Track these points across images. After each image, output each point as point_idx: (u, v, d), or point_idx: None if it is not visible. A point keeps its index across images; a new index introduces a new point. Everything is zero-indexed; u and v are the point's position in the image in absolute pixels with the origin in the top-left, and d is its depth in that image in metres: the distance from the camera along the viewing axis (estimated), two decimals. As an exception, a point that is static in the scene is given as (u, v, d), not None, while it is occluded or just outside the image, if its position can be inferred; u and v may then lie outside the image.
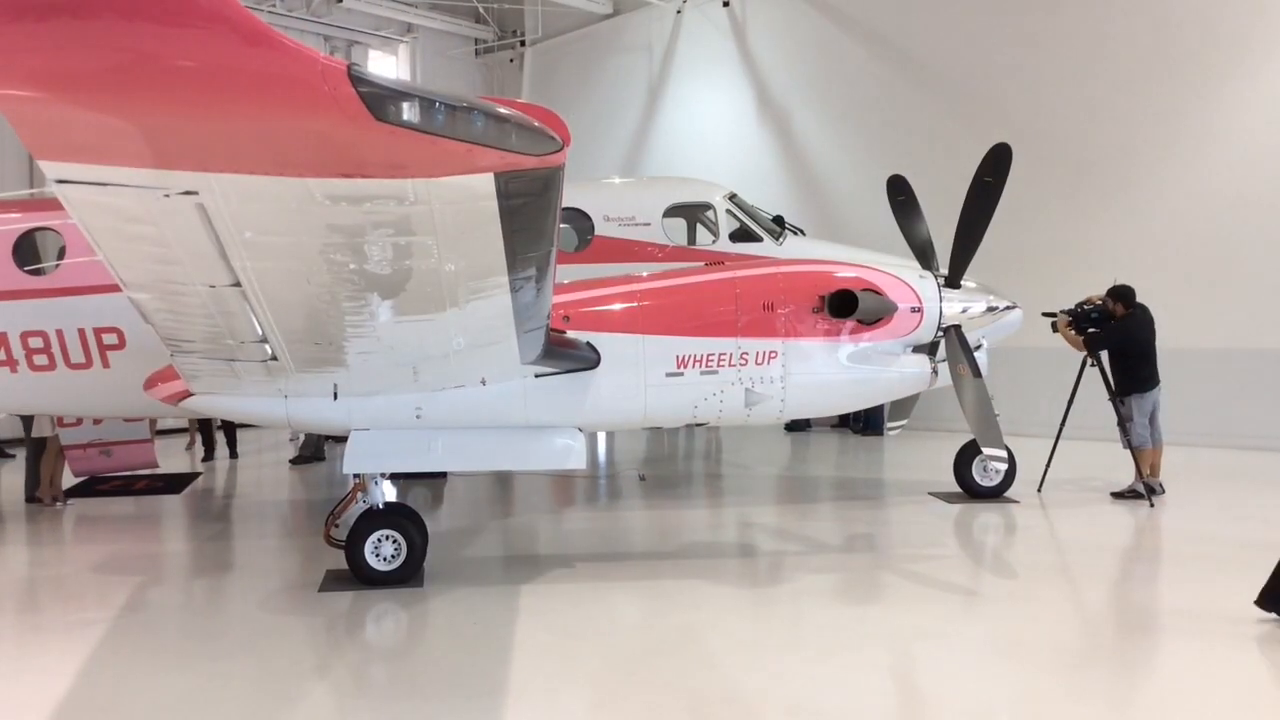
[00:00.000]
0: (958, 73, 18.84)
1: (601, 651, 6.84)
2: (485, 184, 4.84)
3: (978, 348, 10.81)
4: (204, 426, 17.30)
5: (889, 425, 13.12)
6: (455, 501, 12.74)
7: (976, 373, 9.75)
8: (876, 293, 9.30)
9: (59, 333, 10.57)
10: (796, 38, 21.27)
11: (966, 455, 12.09)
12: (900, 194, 11.92)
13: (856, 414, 18.44)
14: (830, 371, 9.20)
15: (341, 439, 8.90)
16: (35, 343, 10.56)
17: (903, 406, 12.17)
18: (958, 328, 10.00)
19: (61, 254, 10.78)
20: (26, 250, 10.78)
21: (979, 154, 10.29)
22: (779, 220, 14.05)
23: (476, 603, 8.06)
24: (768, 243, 13.47)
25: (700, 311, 8.96)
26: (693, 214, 14.07)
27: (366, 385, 8.03)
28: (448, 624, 7.56)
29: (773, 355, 8.99)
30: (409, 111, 4.30)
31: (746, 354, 8.93)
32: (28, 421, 12.99)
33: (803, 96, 21.22)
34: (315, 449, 16.45)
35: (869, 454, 16.49)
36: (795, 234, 14.05)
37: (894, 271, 9.76)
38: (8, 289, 10.55)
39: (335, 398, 8.23)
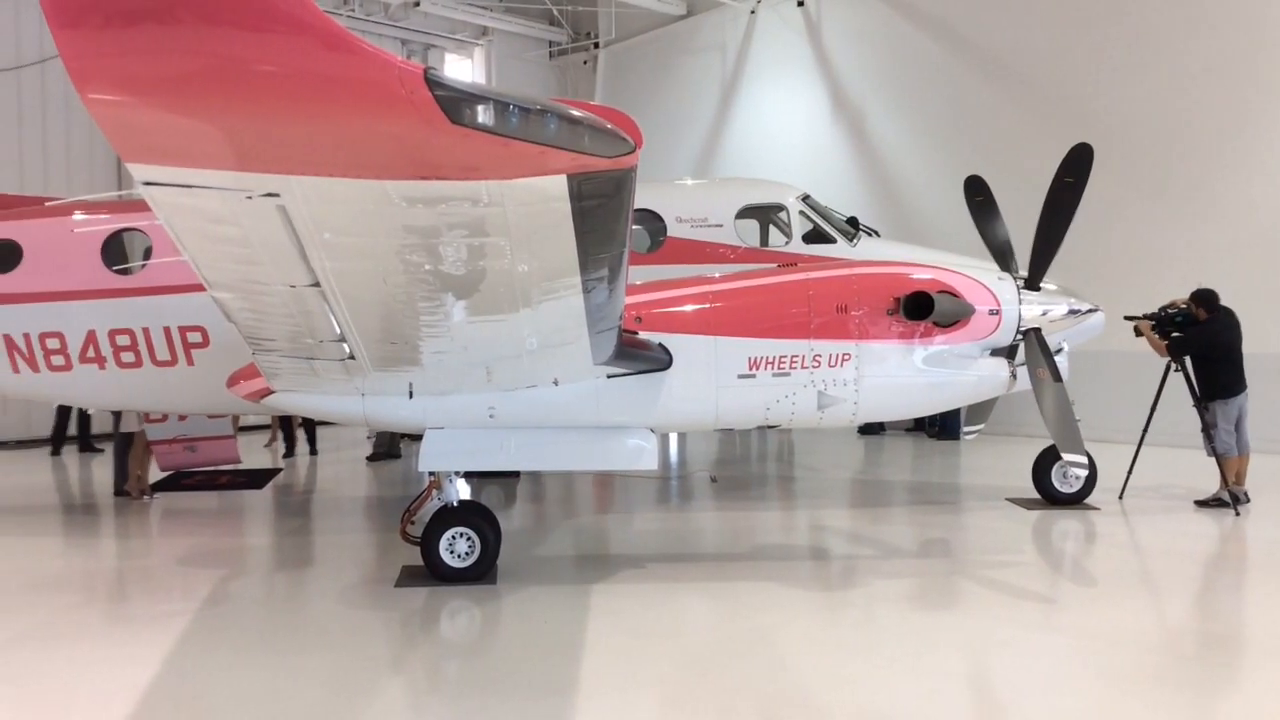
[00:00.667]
0: (1038, 71, 18.49)
1: (672, 653, 6.84)
2: (558, 186, 4.88)
3: (1058, 351, 10.60)
4: (285, 423, 17.67)
5: (966, 429, 12.91)
6: (528, 500, 12.83)
7: (1057, 377, 9.56)
8: (953, 295, 9.15)
9: (145, 331, 10.88)
10: (872, 37, 21.06)
11: (1046, 461, 11.86)
12: (978, 195, 11.73)
13: (932, 418, 18.19)
14: (905, 374, 9.09)
15: (417, 437, 9.01)
16: (123, 340, 10.88)
17: (980, 410, 11.96)
18: (1037, 331, 9.82)
19: (148, 254, 11.09)
20: (114, 250, 11.10)
21: (1059, 154, 10.09)
22: (853, 221, 13.91)
23: (548, 601, 8.11)
24: (841, 244, 13.36)
25: (773, 313, 8.91)
26: (765, 215, 14.01)
27: (441, 384, 8.13)
28: (520, 622, 7.62)
29: (846, 358, 8.90)
30: (483, 114, 4.34)
31: (819, 356, 8.86)
32: (116, 417, 13.38)
33: (878, 96, 21.00)
34: (390, 446, 16.70)
35: (944, 458, 16.25)
36: (870, 235, 13.91)
37: (971, 273, 9.61)
38: (96, 288, 10.88)
39: (411, 396, 8.34)
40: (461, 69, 25.74)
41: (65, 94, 18.57)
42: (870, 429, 18.84)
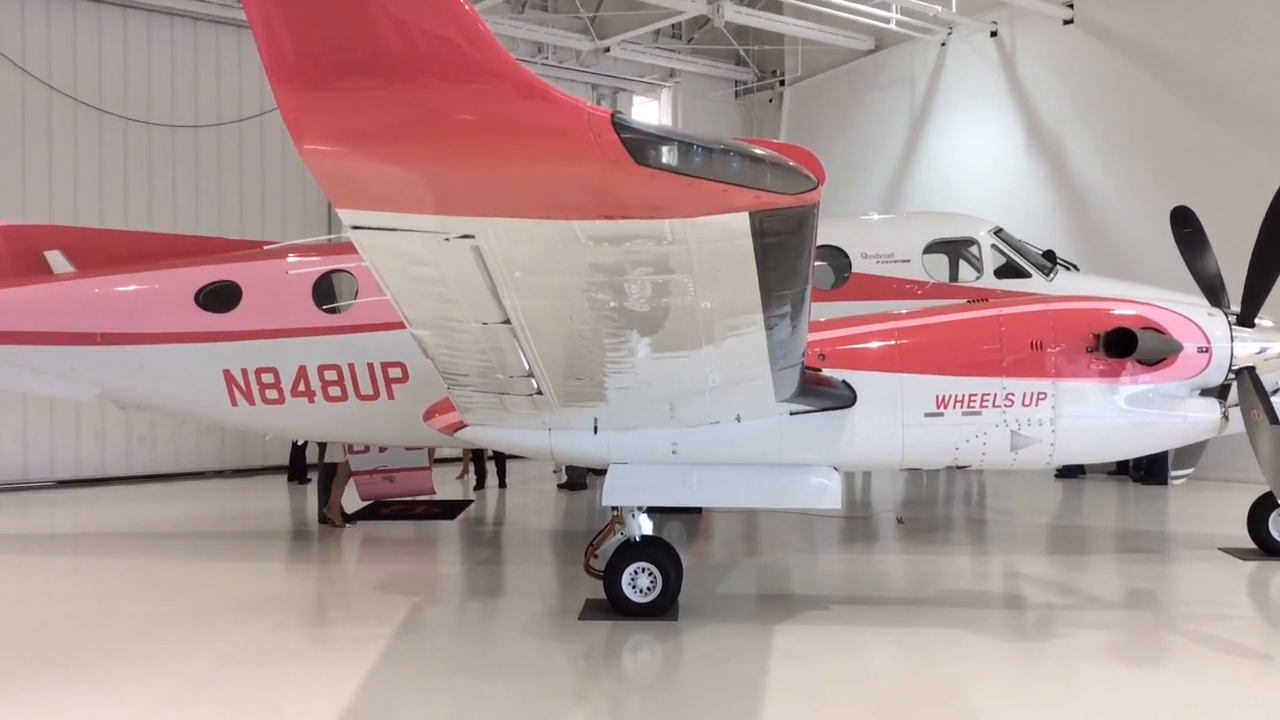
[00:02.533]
0: (1250, 97, 17.45)
1: (857, 699, 6.69)
2: (741, 223, 4.93)
3: (1275, 392, 9.89)
4: (476, 457, 18.27)
5: (1173, 474, 12.17)
6: (710, 537, 12.84)
7: (1274, 419, 8.93)
8: (1158, 331, 8.69)
9: (351, 366, 11.49)
10: (1070, 65, 20.35)
11: (1263, 508, 11.09)
12: (1186, 226, 11.11)
13: (1137, 461, 17.27)
14: (1106, 415, 8.66)
15: (602, 471, 9.18)
16: (330, 375, 11.52)
17: (1189, 454, 11.24)
18: (1252, 370, 9.20)
19: (355, 294, 11.73)
20: (325, 290, 11.79)
21: (1274, 182, 9.48)
22: (1050, 255, 13.42)
23: (730, 640, 8.08)
24: (1037, 279, 12.90)
25: (962, 350, 8.67)
26: (955, 250, 13.67)
27: (625, 420, 8.27)
28: (702, 660, 7.62)
29: (1041, 396, 8.56)
30: (668, 155, 4.45)
31: (1012, 395, 8.55)
32: (321, 448, 14.14)
33: (1077, 126, 20.24)
34: (579, 476, 17.11)
35: (1151, 504, 15.38)
36: (1067, 269, 13.38)
37: (1178, 309, 9.11)
38: (308, 326, 11.57)
39: (596, 431, 8.50)
40: (649, 111, 26.24)
41: (282, 145, 19.92)
42: (1069, 472, 18.02)
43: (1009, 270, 13.07)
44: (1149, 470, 17.19)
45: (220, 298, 11.75)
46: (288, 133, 4.59)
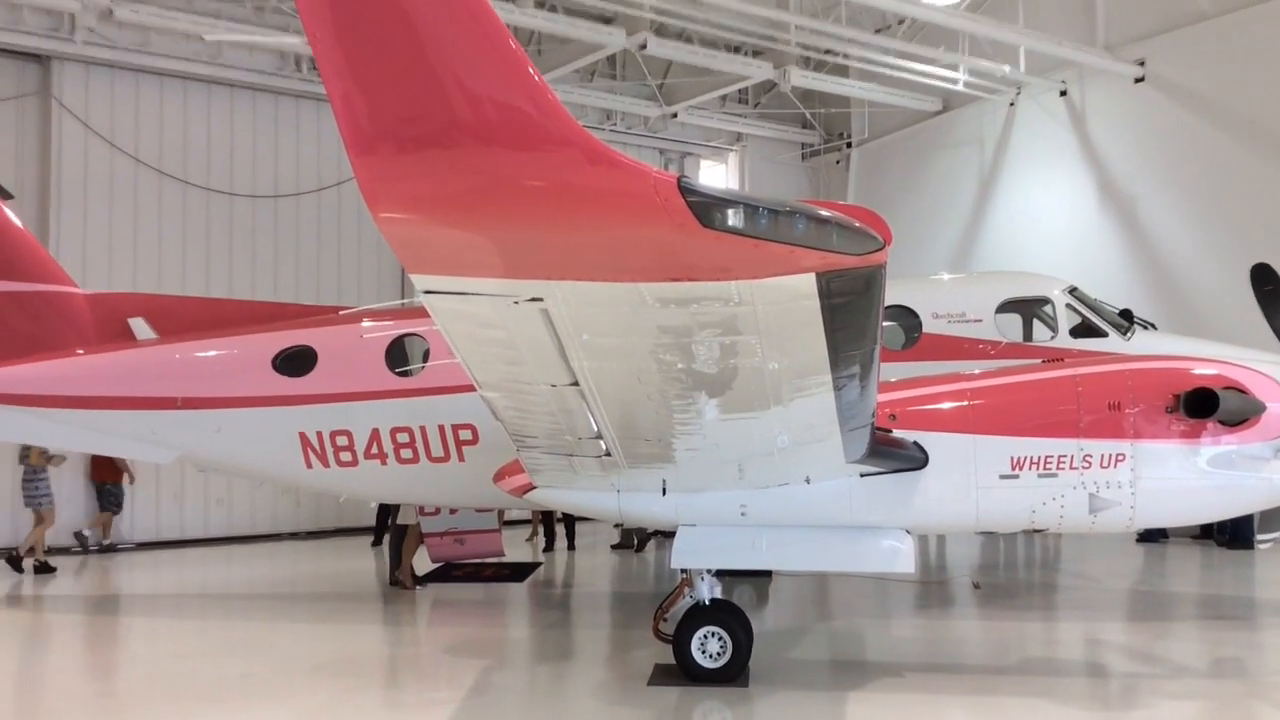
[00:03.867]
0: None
1: (931, 767, 6.52)
2: (807, 284, 4.94)
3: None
4: (545, 519, 18.30)
5: (1260, 537, 11.73)
6: (780, 601, 12.67)
7: (1366, 481, 8.60)
8: (1240, 391, 8.46)
9: (422, 429, 11.64)
10: (1143, 123, 20.15)
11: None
12: (1267, 284, 10.90)
13: (1221, 524, 16.71)
14: (1187, 477, 8.43)
15: (670, 534, 9.14)
16: (403, 438, 11.68)
17: (1275, 516, 10.89)
18: (1341, 430, 8.89)
19: (426, 357, 11.91)
20: (397, 354, 12.00)
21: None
22: (1126, 314, 13.19)
23: (803, 707, 7.94)
24: (1114, 338, 12.67)
25: (1037, 410, 8.52)
26: (1029, 309, 13.49)
27: (694, 481, 8.24)
28: (772, 726, 7.49)
29: (1120, 458, 8.36)
30: (734, 217, 4.51)
31: (1090, 456, 8.37)
32: (393, 510, 14.27)
33: (1151, 184, 19.98)
34: (631, 538, 17.07)
35: (1236, 569, 14.86)
36: (1145, 328, 13.13)
37: (1261, 367, 8.87)
38: (380, 389, 11.76)
39: (664, 493, 8.48)
40: (716, 174, 26.48)
41: (358, 213, 20.42)
42: (1150, 536, 17.50)
43: (1085, 330, 12.86)
44: (1234, 534, 16.64)
45: (296, 362, 12.01)
46: (364, 201, 4.74)
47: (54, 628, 11.90)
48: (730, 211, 4.50)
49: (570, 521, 18.32)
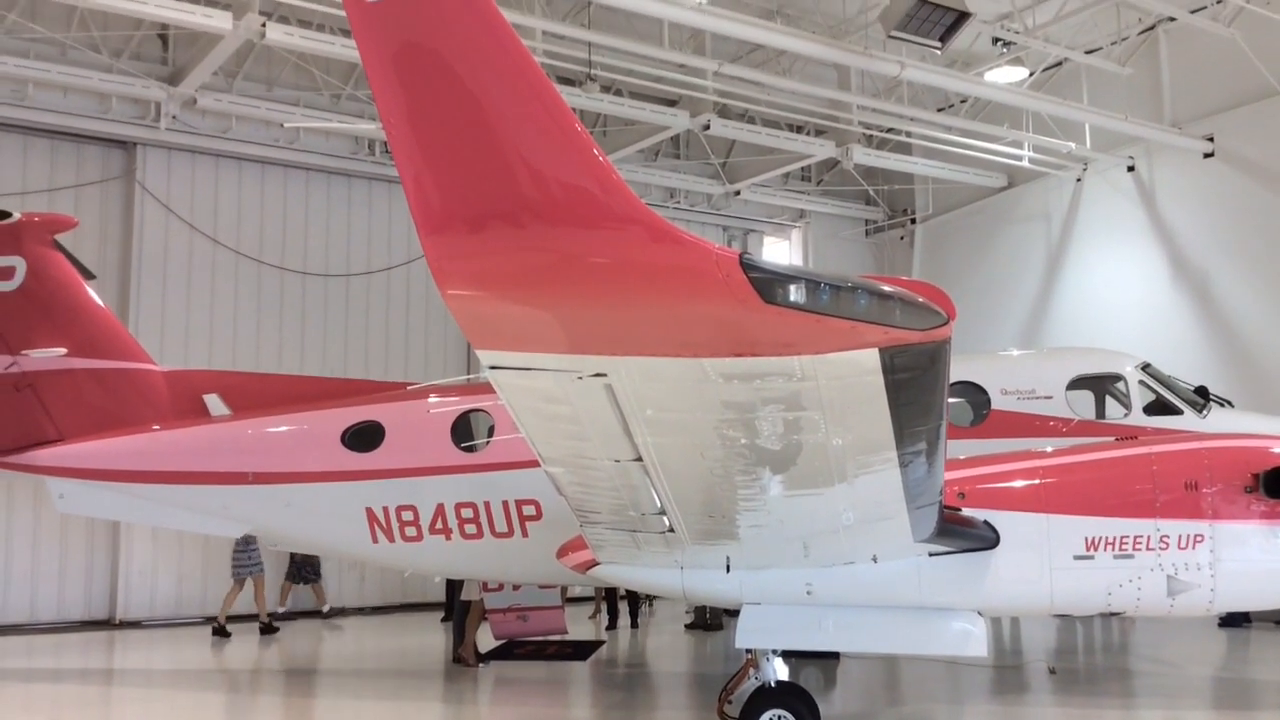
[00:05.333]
0: None
1: None
2: (871, 359, 4.94)
3: None
4: (608, 595, 18.17)
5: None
6: (848, 684, 12.38)
7: None
8: (1323, 469, 8.20)
9: (487, 504, 11.68)
10: (1213, 197, 19.90)
11: None
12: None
13: (1309, 609, 16.05)
14: (1270, 559, 8.16)
15: (735, 611, 9.01)
16: (467, 513, 11.73)
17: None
18: None
19: (490, 433, 12.00)
20: (462, 429, 12.11)
21: None
22: (1202, 391, 12.90)
23: (870, 793, 7.71)
24: (1189, 415, 12.38)
25: (1112, 489, 8.34)
26: (1100, 386, 13.26)
27: (758, 559, 8.15)
28: (840, 813, 7.28)
29: (1199, 539, 8.13)
30: (796, 293, 4.54)
31: (1167, 537, 8.14)
32: (456, 585, 14.26)
33: (1224, 258, 19.66)
34: (706, 617, 16.82)
35: (1328, 657, 14.24)
36: (1221, 406, 12.83)
37: (1345, 446, 8.60)
38: (446, 464, 11.86)
39: (728, 570, 8.38)
40: (779, 250, 26.59)
41: (426, 290, 20.81)
42: (1233, 620, 16.85)
43: (1159, 407, 12.60)
44: (1324, 620, 15.99)
45: (365, 437, 12.17)
46: (432, 279, 4.85)
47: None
48: (792, 287, 4.54)
49: (634, 599, 18.16)
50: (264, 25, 15.63)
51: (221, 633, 16.39)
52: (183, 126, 18.94)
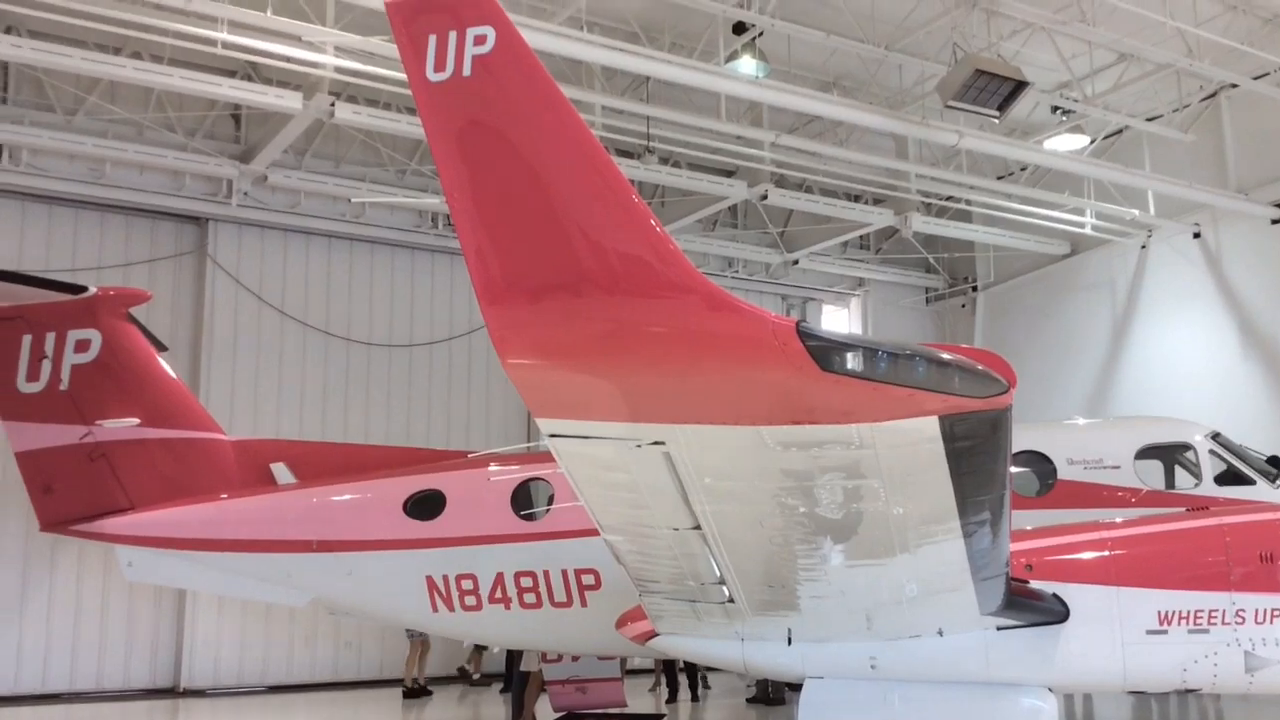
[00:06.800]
0: None
1: None
2: (931, 427, 4.91)
3: None
4: (668, 667, 17.93)
5: None
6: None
7: None
8: (1406, 541, 7.93)
9: (546, 573, 11.65)
10: (1281, 261, 19.57)
11: None
12: None
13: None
14: (1355, 634, 7.86)
15: (798, 686, 8.86)
16: (526, 582, 11.70)
17: None
18: None
19: (550, 501, 12.02)
20: (522, 498, 12.14)
21: None
22: (1274, 461, 12.57)
23: None
24: (1262, 485, 12.05)
25: (1185, 561, 8.11)
26: (1170, 455, 12.96)
27: (820, 631, 8.02)
28: None
29: (1276, 613, 7.86)
30: (853, 361, 4.55)
31: (1243, 611, 7.89)
32: (514, 655, 14.18)
33: (1294, 324, 19.25)
34: (769, 690, 16.51)
35: None
36: (1296, 475, 12.45)
37: None
38: (506, 533, 11.87)
39: (789, 643, 8.26)
40: (839, 319, 26.51)
41: (487, 360, 21.05)
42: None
43: (1230, 477, 12.28)
44: None
45: (426, 506, 12.24)
46: (493, 348, 4.94)
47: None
48: (849, 355, 4.55)
49: (693, 671, 17.90)
50: (333, 104, 16.17)
51: (416, 693, 17.30)
52: (253, 202, 19.51)
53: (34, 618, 17.32)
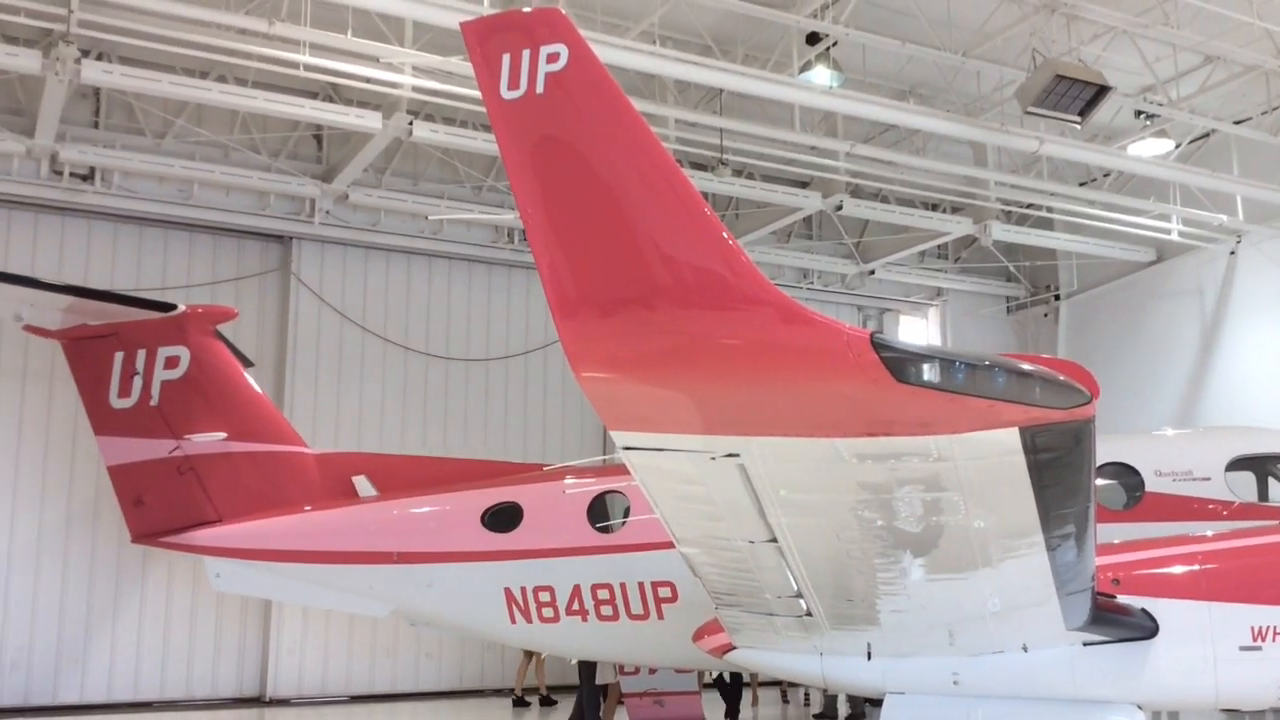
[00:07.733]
0: None
1: None
2: (1011, 439, 4.83)
3: None
4: (719, 683, 17.67)
5: None
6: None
7: None
8: None
9: (622, 586, 11.68)
10: (1382, 265, 18.87)
11: None
12: None
13: None
14: None
15: (878, 701, 8.75)
16: (602, 595, 11.74)
17: None
18: None
19: (626, 514, 12.04)
20: (598, 510, 12.19)
21: None
22: (1373, 471, 12.09)
23: None
24: (1363, 497, 11.61)
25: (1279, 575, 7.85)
26: (1263, 466, 12.55)
27: (901, 646, 7.92)
28: None
29: (1376, 629, 7.57)
30: (929, 372, 4.49)
31: (1343, 627, 7.61)
32: (590, 668, 14.20)
33: (1397, 329, 18.53)
34: (835, 707, 16.27)
35: None
36: (1399, 487, 11.98)
37: None
38: (582, 545, 11.93)
39: (869, 657, 8.16)
40: (915, 329, 26.13)
41: (562, 374, 21.16)
42: None
43: (1328, 488, 11.85)
44: None
45: (504, 518, 12.35)
46: (568, 362, 4.98)
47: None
48: (925, 366, 4.49)
49: (734, 689, 17.27)
50: (411, 124, 16.46)
51: (540, 702, 17.57)
52: (335, 221, 19.91)
53: (125, 628, 17.80)
